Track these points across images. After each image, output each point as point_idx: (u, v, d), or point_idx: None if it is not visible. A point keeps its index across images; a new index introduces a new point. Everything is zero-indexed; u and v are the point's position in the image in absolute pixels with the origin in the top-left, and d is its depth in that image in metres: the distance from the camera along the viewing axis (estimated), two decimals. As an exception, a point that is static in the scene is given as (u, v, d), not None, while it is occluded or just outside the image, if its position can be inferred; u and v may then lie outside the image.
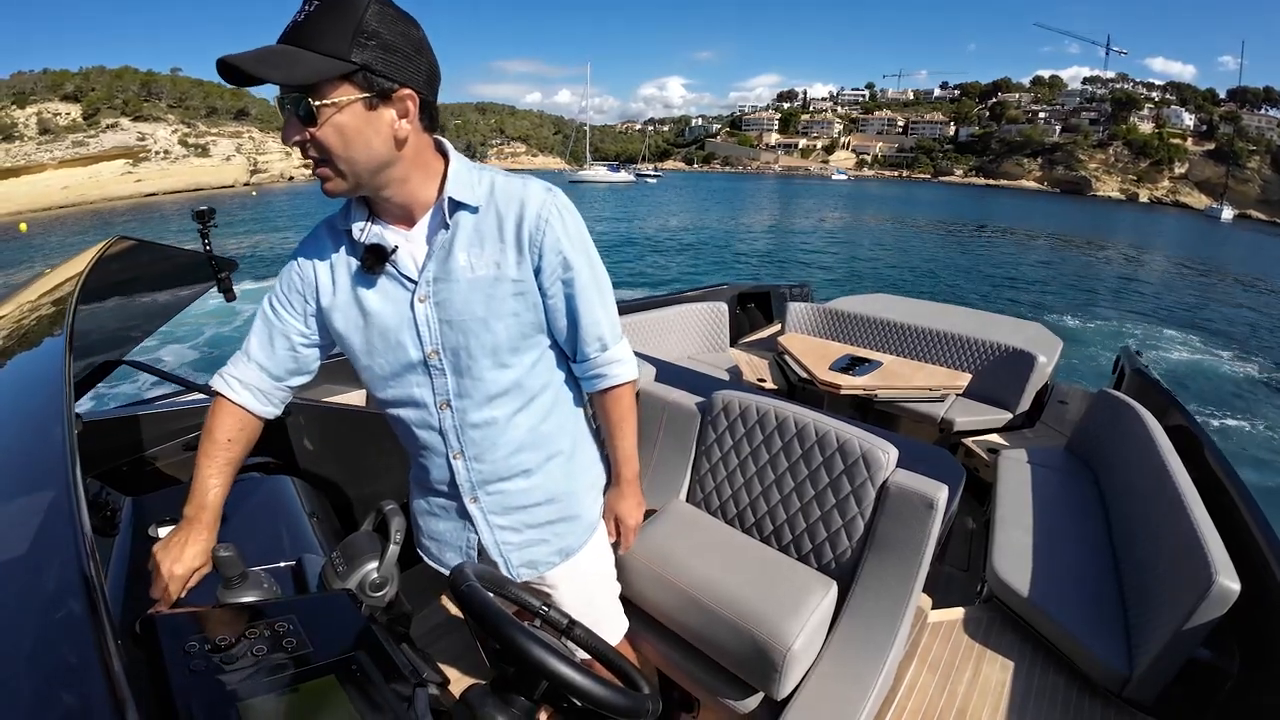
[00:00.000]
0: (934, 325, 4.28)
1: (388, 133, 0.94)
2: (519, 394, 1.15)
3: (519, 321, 1.10)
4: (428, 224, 1.06)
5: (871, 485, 1.69)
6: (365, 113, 0.91)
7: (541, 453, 1.22)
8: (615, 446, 1.33)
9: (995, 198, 74.82)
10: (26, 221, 38.35)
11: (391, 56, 0.90)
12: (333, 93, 0.88)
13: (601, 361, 1.20)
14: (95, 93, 63.68)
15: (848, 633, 1.67)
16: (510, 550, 1.27)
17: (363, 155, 0.94)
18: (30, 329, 1.20)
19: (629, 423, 1.30)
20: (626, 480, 1.37)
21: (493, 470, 1.19)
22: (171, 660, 0.68)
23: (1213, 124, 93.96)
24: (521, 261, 1.07)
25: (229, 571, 0.93)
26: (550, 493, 1.26)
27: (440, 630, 2.05)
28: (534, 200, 1.06)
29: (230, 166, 69.03)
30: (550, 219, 1.06)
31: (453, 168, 1.05)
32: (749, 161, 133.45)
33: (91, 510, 0.68)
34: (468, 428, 1.14)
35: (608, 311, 1.18)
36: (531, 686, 0.88)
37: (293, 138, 0.92)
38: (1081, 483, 2.80)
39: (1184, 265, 27.77)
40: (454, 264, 1.05)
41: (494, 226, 1.06)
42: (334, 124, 0.90)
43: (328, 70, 0.86)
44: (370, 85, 0.90)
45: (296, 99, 0.88)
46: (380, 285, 1.08)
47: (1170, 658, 1.70)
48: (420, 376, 1.12)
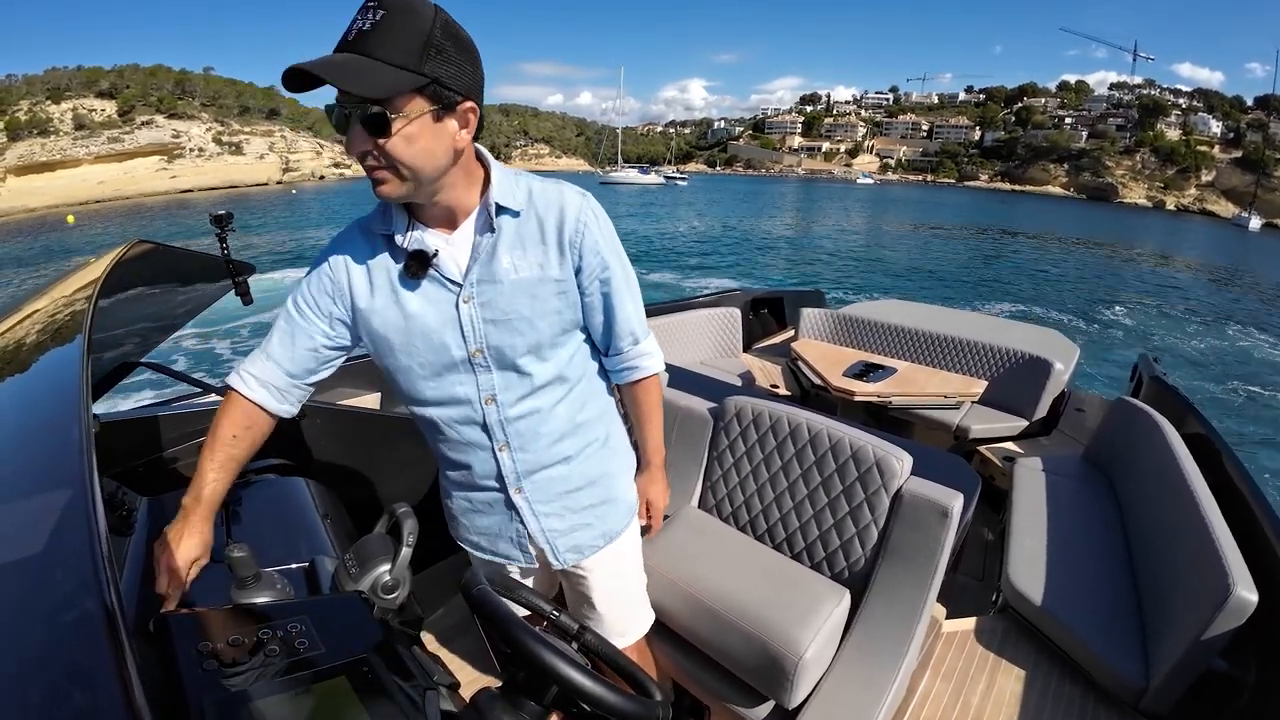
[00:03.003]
0: (949, 331, 4.23)
1: (450, 143, 0.97)
2: (559, 385, 1.20)
3: (560, 319, 1.15)
4: (470, 228, 1.09)
5: (885, 493, 1.68)
6: (432, 124, 0.93)
7: (580, 439, 1.26)
8: (645, 435, 1.42)
9: (1021, 203, 73.82)
10: (74, 214, 39.31)
11: (456, 69, 0.92)
12: (405, 105, 0.90)
13: (633, 354, 1.27)
14: (130, 90, 65.08)
15: (860, 642, 1.65)
16: (556, 537, 1.30)
17: (428, 165, 0.96)
18: (49, 330, 1.22)
19: (658, 412, 1.39)
20: (656, 466, 1.46)
21: (536, 459, 1.22)
22: (184, 660, 0.69)
23: (1240, 132, 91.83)
24: (563, 263, 1.12)
25: (243, 572, 0.94)
26: (589, 477, 1.30)
27: (451, 633, 2.06)
28: (572, 205, 1.11)
29: (263, 165, 70.17)
30: (589, 223, 1.11)
31: (496, 174, 1.08)
32: (771, 165, 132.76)
33: (108, 509, 0.69)
34: (511, 420, 1.18)
35: (637, 307, 1.24)
36: (542, 691, 0.89)
37: (360, 148, 0.93)
38: (1098, 491, 2.76)
39: (1213, 273, 27.29)
40: (498, 266, 1.08)
41: (535, 230, 1.10)
42: (404, 135, 0.91)
43: (405, 84, 0.88)
44: (439, 98, 0.92)
45: (366, 109, 0.88)
46: (424, 288, 1.10)
47: (1187, 669, 1.68)
48: (464, 375, 1.15)
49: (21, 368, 1.10)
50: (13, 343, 1.20)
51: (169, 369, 1.99)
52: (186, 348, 10.88)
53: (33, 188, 51.00)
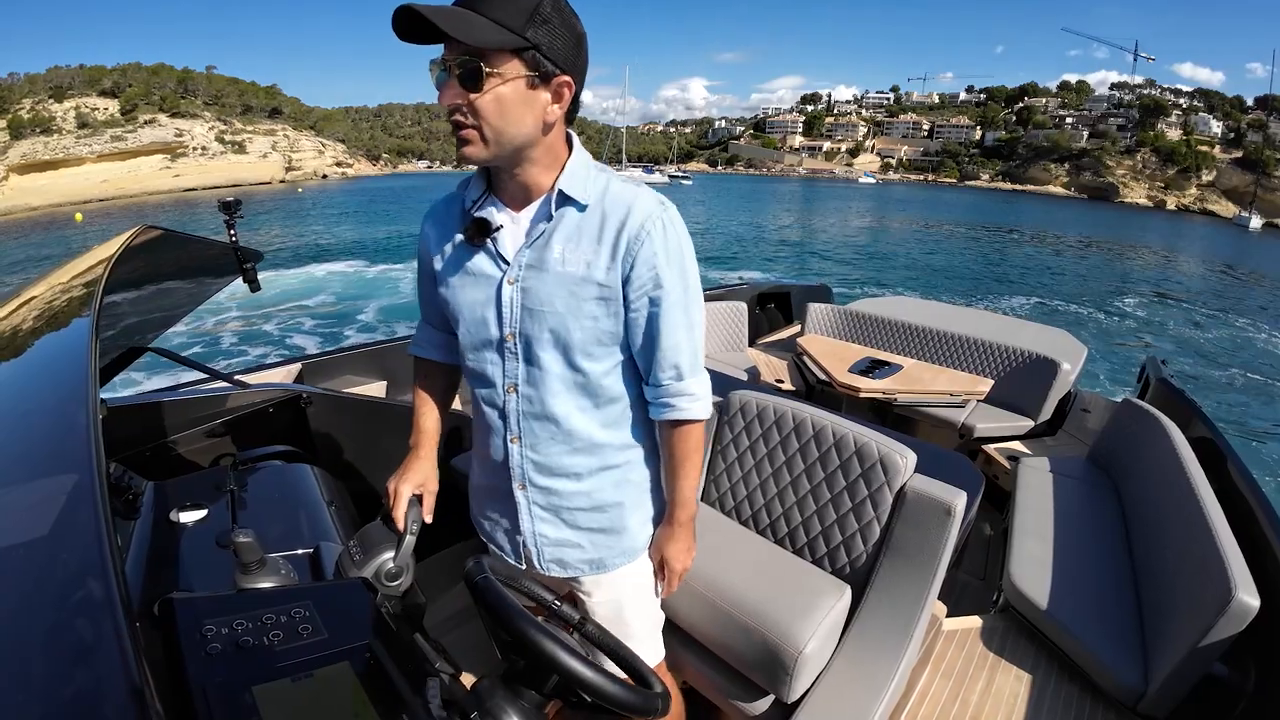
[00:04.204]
0: (956, 329, 4.22)
1: (540, 114, 0.98)
2: (584, 397, 1.15)
3: (595, 326, 1.09)
4: (535, 210, 1.08)
5: (889, 490, 1.67)
6: (525, 90, 0.94)
7: (595, 460, 1.20)
8: (672, 485, 1.26)
9: (1022, 203, 73.94)
10: (82, 212, 39.44)
11: (559, 43, 0.94)
12: (501, 64, 0.91)
13: (673, 391, 1.15)
14: (132, 88, 65.26)
15: (860, 638, 1.65)
16: (544, 544, 1.26)
17: (513, 130, 0.97)
18: (57, 315, 1.23)
19: (692, 463, 1.23)
20: (680, 523, 1.29)
21: (544, 463, 1.19)
22: (188, 643, 0.69)
23: (1240, 132, 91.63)
24: (612, 268, 1.06)
25: (247, 557, 0.95)
26: (596, 502, 1.23)
27: (454, 621, 2.07)
28: (641, 209, 1.05)
29: (266, 163, 70.36)
30: (652, 231, 1.04)
31: (572, 162, 1.07)
32: (773, 164, 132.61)
33: (113, 494, 0.69)
34: (528, 416, 1.15)
35: (691, 340, 1.14)
36: (542, 680, 0.89)
37: (450, 99, 0.94)
38: (1102, 493, 2.76)
39: (1217, 270, 27.42)
40: (549, 254, 1.06)
41: (595, 226, 1.06)
42: (496, 94, 0.92)
43: (504, 41, 0.90)
44: (536, 66, 0.93)
45: (465, 61, 0.90)
46: (478, 260, 1.11)
47: (1186, 673, 1.68)
48: (494, 355, 1.14)
49: (30, 352, 1.10)
50: (21, 327, 1.20)
51: (176, 355, 2.00)
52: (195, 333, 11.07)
53: (36, 186, 51.11)
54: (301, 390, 2.13)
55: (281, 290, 15.47)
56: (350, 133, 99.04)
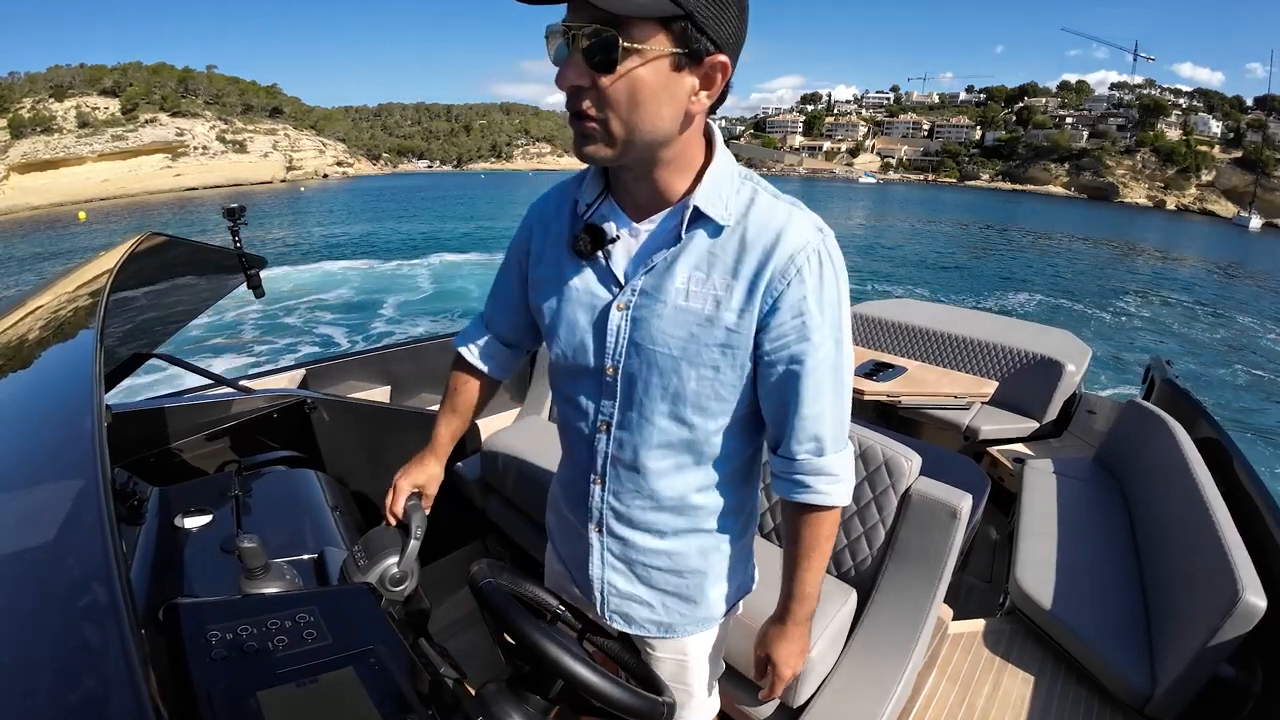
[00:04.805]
0: (960, 331, 4.21)
1: (683, 103, 0.77)
2: (685, 454, 0.97)
3: (715, 379, 0.90)
4: (661, 224, 0.89)
5: (894, 493, 1.67)
6: (669, 72, 0.74)
7: (684, 521, 1.03)
8: (794, 576, 1.04)
9: (1022, 203, 74.11)
10: (85, 211, 39.54)
11: (719, 12, 0.73)
12: (644, 37, 0.71)
13: (809, 469, 0.93)
14: (133, 88, 65.41)
15: (866, 641, 1.65)
16: (611, 594, 1.11)
17: (648, 123, 0.77)
18: (63, 321, 1.23)
19: (820, 553, 1.01)
20: (796, 621, 1.07)
21: (625, 513, 1.03)
22: (193, 648, 0.69)
23: (1240, 132, 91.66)
24: (747, 310, 0.85)
25: (252, 563, 0.94)
26: (676, 565, 1.06)
27: (459, 626, 2.07)
28: (794, 237, 0.83)
29: (267, 163, 70.56)
30: (804, 268, 0.83)
31: (714, 168, 0.86)
32: (773, 164, 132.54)
33: (118, 499, 0.69)
34: (617, 463, 0.99)
35: (838, 405, 0.92)
36: (547, 686, 0.88)
37: (573, 80, 0.74)
38: (1108, 495, 2.75)
39: (1220, 270, 27.51)
40: (670, 281, 0.87)
41: (733, 254, 0.85)
42: (632, 77, 0.72)
43: (651, 6, 0.69)
44: (687, 40, 0.73)
45: (597, 31, 0.70)
46: (586, 275, 0.93)
47: (1194, 675, 1.67)
48: (591, 386, 0.97)
49: (35, 358, 1.10)
50: (27, 333, 1.20)
51: (182, 361, 2.00)
52: (215, 325, 11.20)
53: (37, 185, 51.21)
54: (306, 396, 2.13)
55: (295, 285, 15.76)
56: (350, 132, 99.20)
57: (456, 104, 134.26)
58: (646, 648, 1.16)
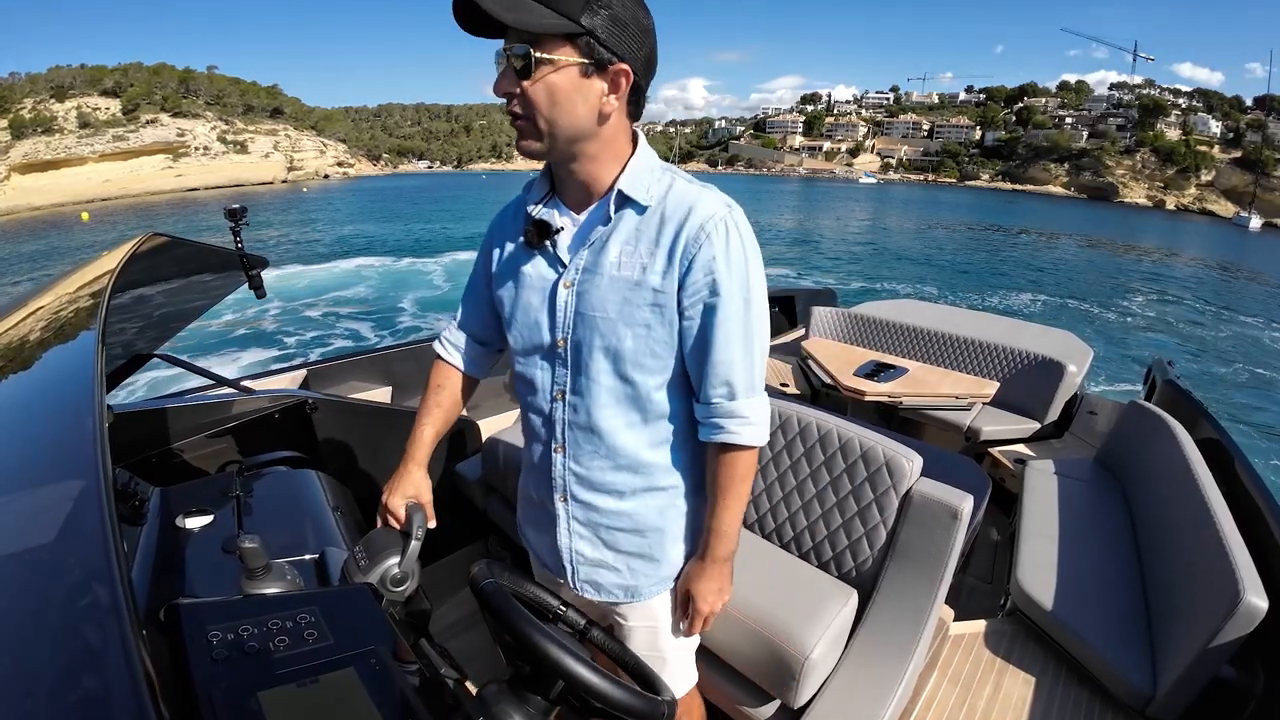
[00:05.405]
0: (961, 332, 4.21)
1: (595, 104, 0.94)
2: (633, 411, 1.09)
3: (649, 336, 1.03)
4: (594, 210, 1.05)
5: (895, 493, 1.67)
6: (578, 78, 0.91)
7: (640, 480, 1.13)
8: (712, 515, 1.14)
9: (1022, 203, 74.13)
10: (88, 211, 39.63)
11: (618, 30, 0.90)
12: (554, 50, 0.89)
13: (722, 411, 1.06)
14: (134, 88, 65.47)
15: (867, 642, 1.65)
16: (580, 563, 1.19)
17: (565, 120, 0.94)
18: (65, 322, 1.23)
19: (736, 493, 1.11)
20: (716, 559, 1.16)
21: (586, 476, 1.13)
22: (194, 648, 0.69)
23: (1240, 132, 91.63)
24: (668, 272, 1.00)
25: (253, 563, 0.94)
26: (637, 524, 1.16)
27: (459, 626, 2.07)
28: (703, 210, 0.99)
29: (269, 163, 70.68)
30: (712, 235, 0.98)
31: (635, 161, 1.02)
32: (773, 164, 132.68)
33: (119, 499, 0.69)
34: (574, 426, 1.11)
35: (748, 356, 1.05)
36: (548, 686, 0.88)
37: (504, 88, 0.93)
38: (1109, 495, 2.75)
39: (1220, 270, 27.52)
40: (605, 258, 1.02)
41: (654, 228, 1.01)
42: (546, 82, 0.90)
43: (556, 26, 0.87)
44: (590, 53, 0.90)
45: (518, 49, 0.89)
46: (536, 262, 1.09)
47: (1195, 676, 1.67)
48: (544, 361, 1.11)
49: (37, 359, 1.10)
50: (28, 334, 1.20)
51: (183, 361, 2.01)
52: (200, 339, 11.20)
53: (38, 186, 51.26)
54: (307, 396, 2.13)
55: (311, 283, 16.01)
56: (351, 133, 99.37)
57: (456, 104, 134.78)
58: (618, 618, 1.24)
